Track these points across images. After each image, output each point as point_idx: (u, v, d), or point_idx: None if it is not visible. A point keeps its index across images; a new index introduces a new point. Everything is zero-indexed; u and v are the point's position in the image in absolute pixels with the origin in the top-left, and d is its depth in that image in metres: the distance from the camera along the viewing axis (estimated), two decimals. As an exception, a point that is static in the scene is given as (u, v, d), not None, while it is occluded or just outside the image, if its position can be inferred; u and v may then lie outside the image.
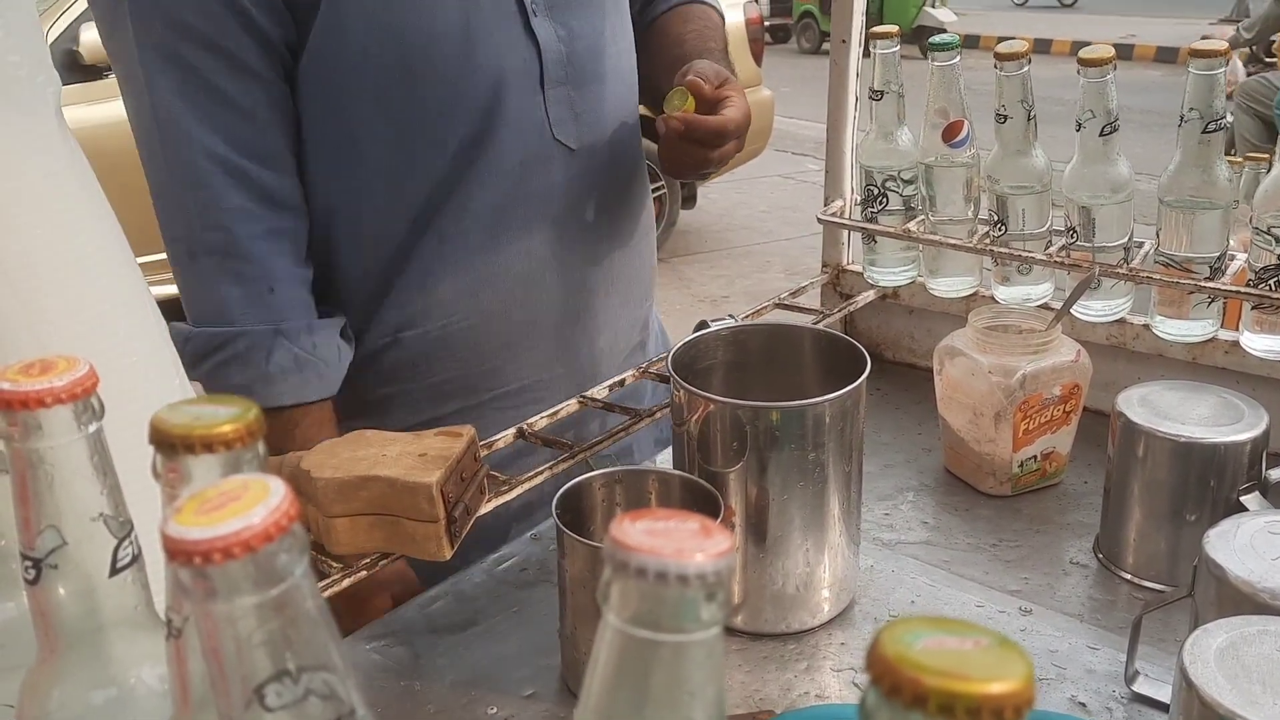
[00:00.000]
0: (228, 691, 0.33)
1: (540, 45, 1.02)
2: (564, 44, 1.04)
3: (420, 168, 1.01)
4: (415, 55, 0.97)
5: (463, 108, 1.00)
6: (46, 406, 0.40)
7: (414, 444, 0.81)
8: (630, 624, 0.29)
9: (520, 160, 1.03)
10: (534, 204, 1.06)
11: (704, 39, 1.19)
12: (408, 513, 0.77)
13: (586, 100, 1.07)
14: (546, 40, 1.03)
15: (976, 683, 0.23)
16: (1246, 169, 1.27)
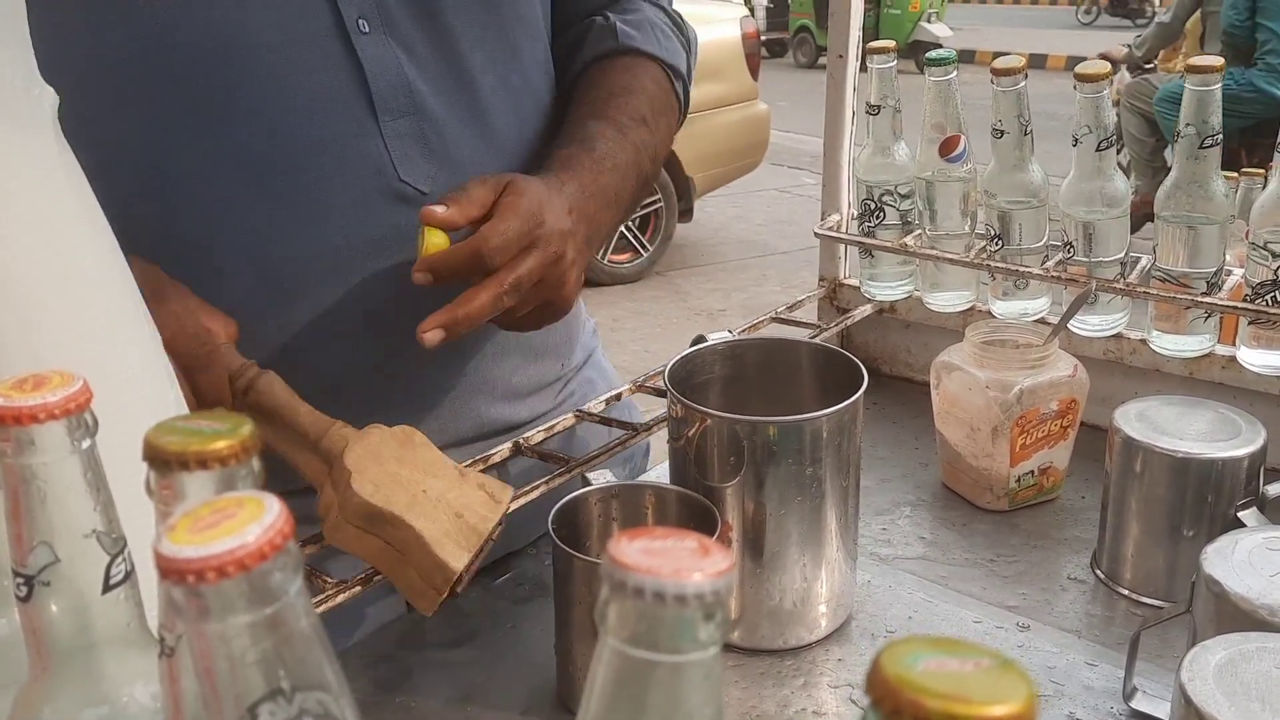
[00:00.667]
0: (221, 711, 0.32)
1: (366, 69, 0.87)
2: (409, 70, 0.89)
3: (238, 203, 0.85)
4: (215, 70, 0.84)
5: (275, 133, 0.85)
6: (39, 422, 0.40)
7: (456, 488, 0.78)
8: (628, 644, 0.29)
9: (353, 201, 0.88)
10: (376, 252, 0.89)
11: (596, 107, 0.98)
12: (419, 568, 0.75)
13: (446, 137, 0.91)
14: (377, 64, 0.87)
15: (978, 705, 0.23)
16: (1242, 185, 1.27)
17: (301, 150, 0.86)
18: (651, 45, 1.04)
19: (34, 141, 0.56)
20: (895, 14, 11.50)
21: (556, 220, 0.86)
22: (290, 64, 0.85)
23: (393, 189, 0.89)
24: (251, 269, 0.87)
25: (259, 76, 0.84)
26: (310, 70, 0.86)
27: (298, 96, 0.86)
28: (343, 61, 0.87)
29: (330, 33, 0.86)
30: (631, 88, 1.00)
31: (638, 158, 0.97)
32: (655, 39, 1.04)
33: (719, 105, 5.28)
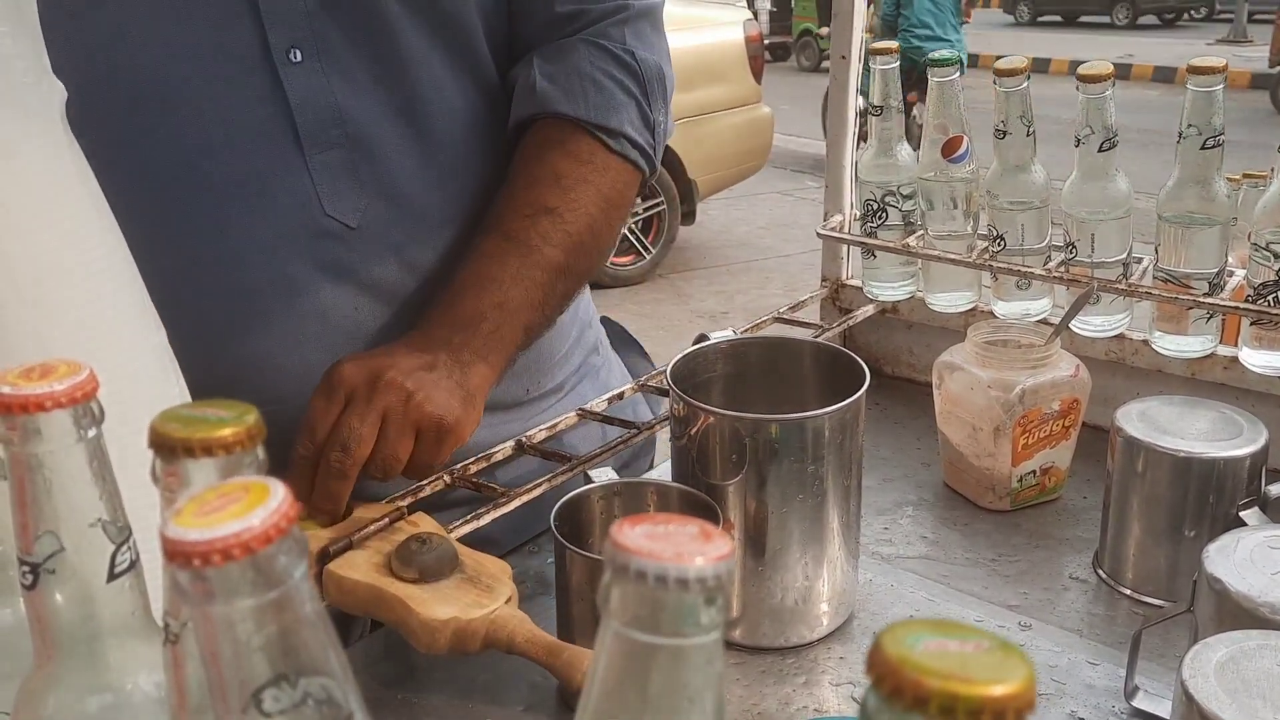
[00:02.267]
0: (225, 696, 0.32)
1: (291, 102, 0.84)
2: (341, 98, 0.86)
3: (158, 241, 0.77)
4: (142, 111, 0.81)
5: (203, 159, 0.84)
6: (46, 411, 0.40)
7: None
8: (630, 628, 0.29)
9: (275, 238, 0.86)
10: (296, 290, 0.87)
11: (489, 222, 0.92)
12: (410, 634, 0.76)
13: (381, 168, 0.88)
14: (305, 94, 0.84)
15: (978, 685, 0.23)
16: (1245, 186, 1.27)
17: (222, 187, 0.84)
18: (572, 105, 0.95)
19: (44, 134, 0.56)
20: (898, 18, 11.47)
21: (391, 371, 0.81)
22: (213, 100, 0.83)
23: (317, 224, 0.87)
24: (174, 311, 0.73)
25: (182, 115, 0.82)
26: (233, 105, 0.83)
27: (219, 132, 0.83)
28: (268, 94, 0.84)
29: (257, 66, 0.84)
30: (536, 177, 0.94)
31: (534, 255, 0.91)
32: (579, 95, 0.95)
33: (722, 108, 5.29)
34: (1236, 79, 10.11)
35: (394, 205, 0.89)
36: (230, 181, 0.84)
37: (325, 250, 0.87)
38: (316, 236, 0.87)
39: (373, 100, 0.88)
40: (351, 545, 0.79)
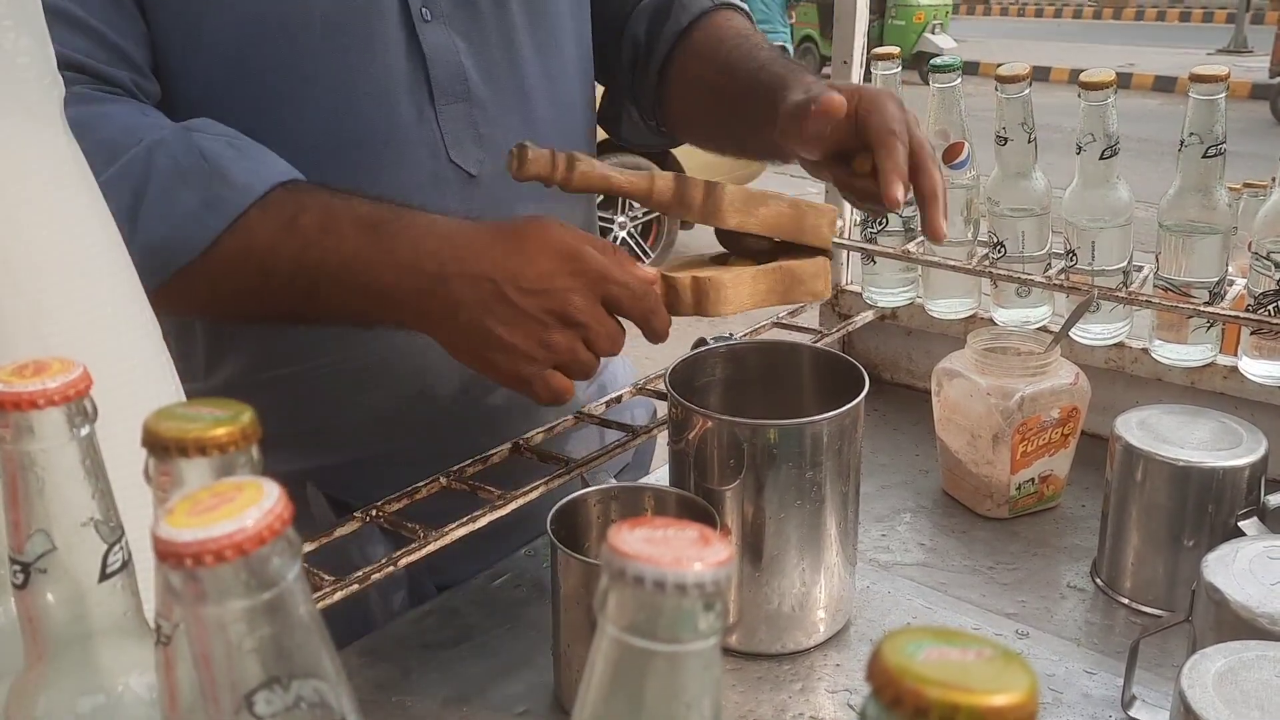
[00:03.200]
0: (217, 698, 0.32)
1: (426, 55, 0.91)
2: (464, 57, 0.93)
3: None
4: (286, 44, 0.87)
5: (340, 111, 0.89)
6: (39, 408, 0.40)
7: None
8: (627, 633, 0.28)
9: (409, 181, 0.91)
10: None
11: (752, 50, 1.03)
12: (804, 235, 0.78)
13: (493, 121, 0.95)
14: (436, 50, 0.92)
15: (979, 694, 0.23)
16: (1246, 195, 1.27)
17: (365, 132, 0.90)
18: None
19: (45, 132, 0.56)
20: (900, 25, 11.53)
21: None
22: (360, 50, 0.89)
23: (443, 172, 0.93)
24: None
25: (331, 63, 0.88)
26: (377, 56, 0.89)
27: (365, 81, 0.89)
28: (406, 48, 0.90)
29: (397, 21, 0.90)
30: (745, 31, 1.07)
31: None
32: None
33: (723, 113, 5.28)
34: (1237, 89, 10.12)
35: (503, 157, 0.93)
36: (373, 128, 0.90)
37: (449, 197, 0.93)
38: (441, 183, 0.93)
39: (486, 61, 0.95)
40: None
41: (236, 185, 0.79)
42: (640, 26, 1.10)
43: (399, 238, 0.78)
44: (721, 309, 0.79)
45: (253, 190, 0.79)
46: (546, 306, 0.76)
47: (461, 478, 0.92)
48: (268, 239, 0.79)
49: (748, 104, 0.98)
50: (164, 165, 0.78)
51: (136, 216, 0.77)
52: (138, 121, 0.81)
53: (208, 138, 0.81)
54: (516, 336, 0.76)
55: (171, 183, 0.78)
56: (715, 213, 0.77)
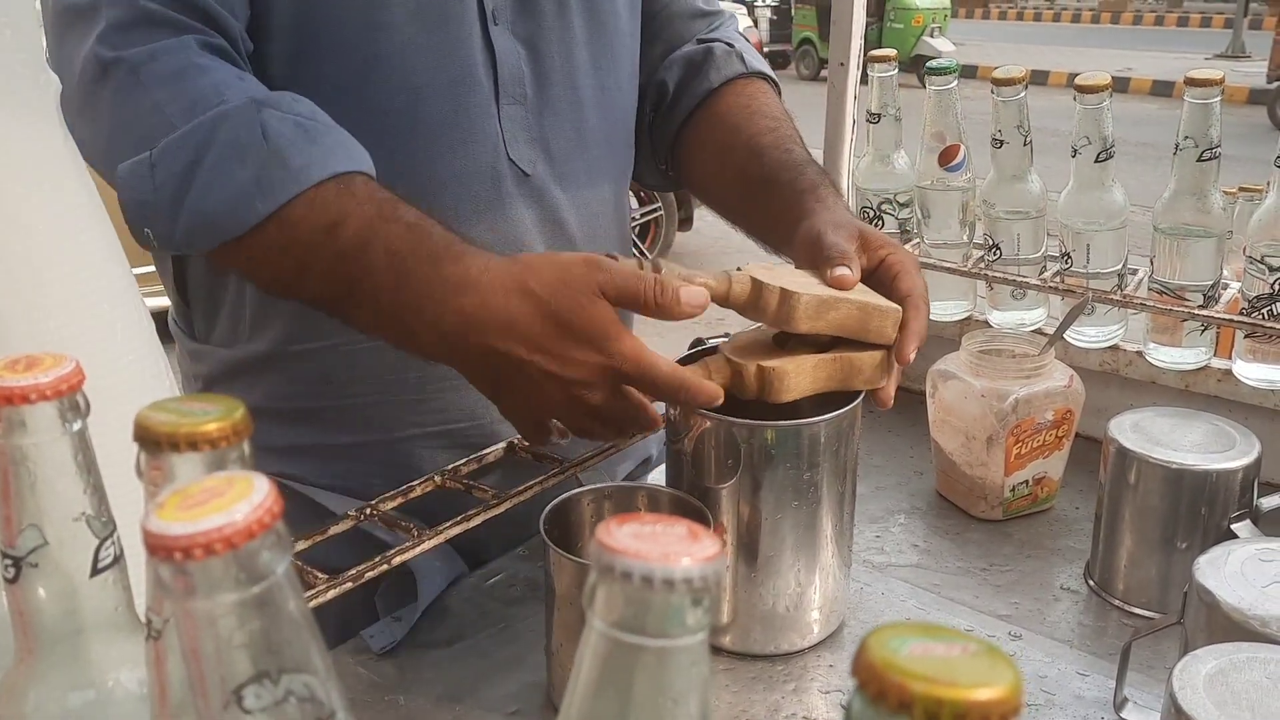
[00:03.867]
0: (206, 693, 0.32)
1: (497, 56, 0.95)
2: (524, 62, 0.97)
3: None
4: (374, 33, 0.89)
5: (417, 101, 0.92)
6: (30, 403, 0.40)
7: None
8: (615, 628, 0.29)
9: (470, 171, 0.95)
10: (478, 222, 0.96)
11: (785, 144, 1.03)
12: (869, 335, 0.82)
13: (547, 126, 0.99)
14: (504, 53, 0.96)
15: (963, 689, 0.23)
16: (1241, 199, 1.27)
17: (435, 122, 0.93)
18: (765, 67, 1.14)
19: (40, 128, 0.56)
20: (898, 28, 11.55)
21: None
22: (438, 43, 0.92)
23: (501, 167, 0.97)
24: None
25: (410, 51, 0.91)
26: (452, 51, 0.93)
27: (440, 73, 0.93)
28: (479, 46, 0.94)
29: (473, 20, 0.94)
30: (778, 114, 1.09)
31: None
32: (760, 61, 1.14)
33: (721, 115, 5.28)
34: (1234, 94, 10.15)
35: (553, 162, 1.00)
36: (442, 119, 0.94)
37: (504, 191, 0.97)
38: (499, 178, 0.97)
39: (545, 69, 0.99)
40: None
41: (290, 170, 0.78)
42: (671, 74, 1.12)
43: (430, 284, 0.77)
44: (783, 397, 0.82)
45: (305, 179, 0.78)
46: (567, 394, 0.77)
47: (456, 476, 0.92)
48: (308, 237, 0.79)
49: (772, 201, 0.99)
50: (224, 138, 0.78)
51: (190, 183, 0.78)
52: (229, 81, 0.81)
53: (276, 115, 0.80)
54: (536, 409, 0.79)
55: (228, 157, 0.78)
56: (789, 320, 0.81)
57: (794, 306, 0.80)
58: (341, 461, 1.01)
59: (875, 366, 0.85)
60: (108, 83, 0.80)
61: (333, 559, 0.80)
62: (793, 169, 1.00)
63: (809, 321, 0.81)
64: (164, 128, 0.78)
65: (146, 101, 0.79)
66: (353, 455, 1.01)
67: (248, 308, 0.99)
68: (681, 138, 1.12)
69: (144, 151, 0.78)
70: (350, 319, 0.83)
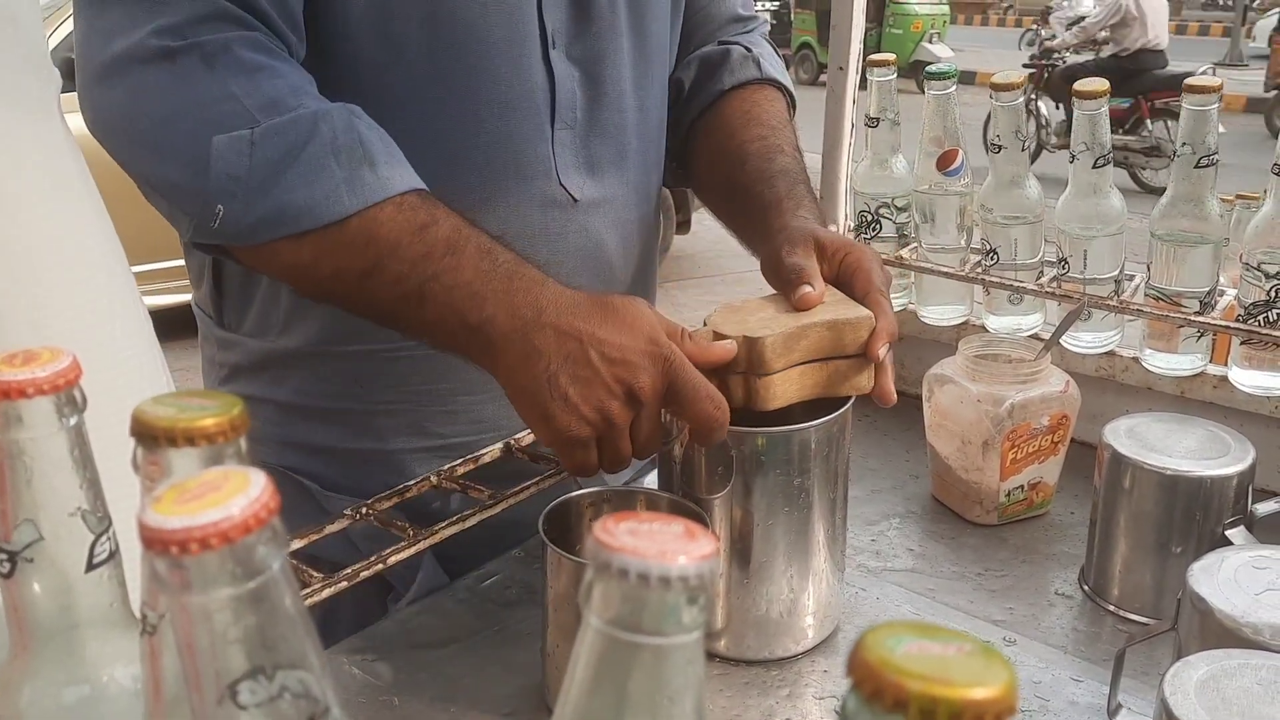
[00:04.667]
0: (200, 688, 0.32)
1: (556, 80, 0.96)
2: (578, 86, 0.98)
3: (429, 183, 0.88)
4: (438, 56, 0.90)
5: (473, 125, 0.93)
6: (27, 397, 0.40)
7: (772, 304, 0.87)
8: (611, 625, 0.29)
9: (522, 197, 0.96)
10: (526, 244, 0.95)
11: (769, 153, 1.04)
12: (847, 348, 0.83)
13: (593, 149, 1.00)
14: (562, 76, 0.96)
15: (959, 688, 0.23)
16: (1238, 207, 1.28)
17: (493, 142, 0.94)
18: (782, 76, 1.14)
19: (42, 126, 0.56)
20: (897, 34, 11.57)
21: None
22: (502, 63, 0.93)
23: (554, 193, 0.97)
24: None
25: (475, 69, 0.92)
26: (515, 73, 0.93)
27: (502, 93, 0.93)
28: (538, 69, 0.95)
29: (535, 43, 0.94)
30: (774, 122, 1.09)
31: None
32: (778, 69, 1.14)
33: (719, 119, 5.28)
34: (1232, 103, 10.17)
35: (600, 185, 1.01)
36: (500, 139, 0.94)
37: (551, 215, 0.98)
38: (549, 202, 0.97)
39: (595, 92, 0.99)
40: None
41: (381, 176, 0.81)
42: (688, 73, 1.12)
43: (512, 280, 0.80)
44: (769, 405, 0.82)
45: (394, 185, 0.81)
46: (619, 376, 0.77)
47: (452, 477, 0.92)
48: (394, 236, 0.80)
49: (747, 211, 1.01)
50: (325, 135, 0.80)
51: (285, 171, 0.79)
52: (305, 87, 0.83)
53: (365, 125, 0.83)
54: (582, 396, 0.78)
55: (326, 153, 0.80)
56: (761, 364, 0.81)
57: (761, 350, 0.80)
58: (362, 467, 1.01)
59: (860, 372, 0.85)
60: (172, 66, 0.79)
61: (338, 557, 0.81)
62: (764, 181, 1.00)
63: (782, 359, 0.81)
64: (241, 117, 0.79)
65: (219, 89, 0.80)
66: (374, 461, 1.01)
67: (282, 302, 0.99)
68: (689, 137, 1.12)
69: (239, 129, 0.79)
70: (406, 320, 0.83)
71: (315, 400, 1.01)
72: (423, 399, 1.00)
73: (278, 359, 1.00)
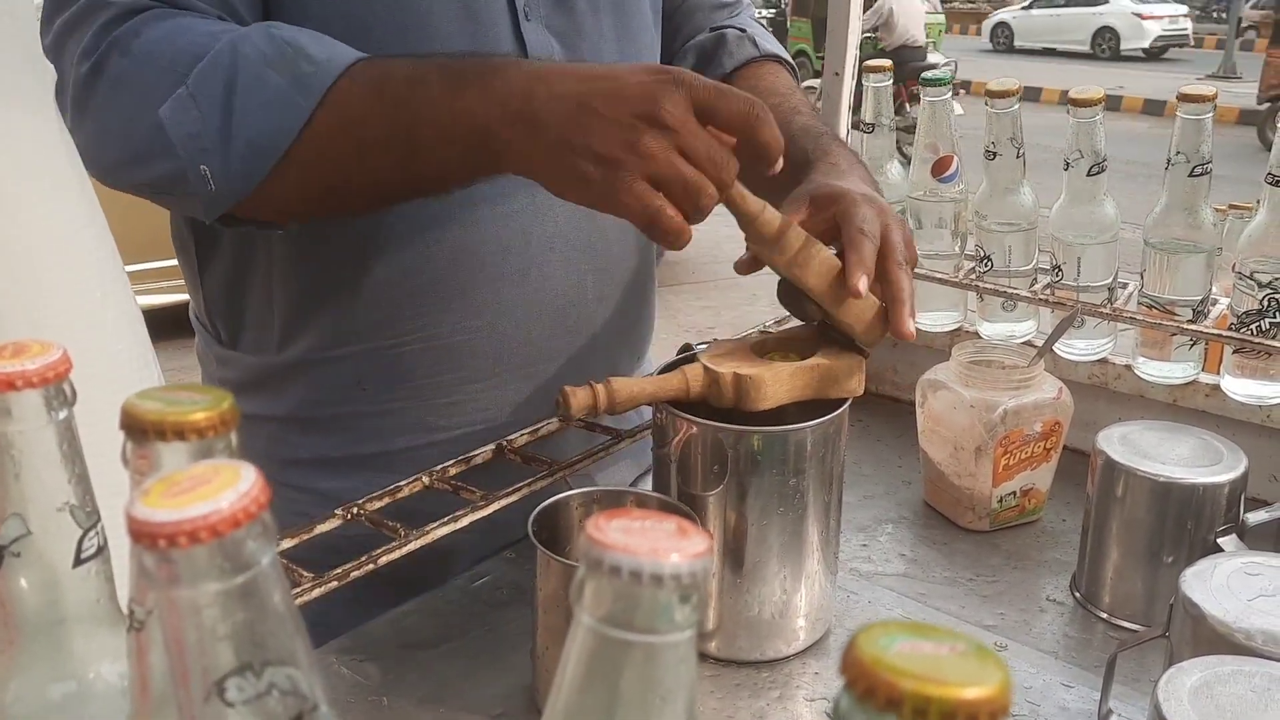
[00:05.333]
0: (188, 684, 0.32)
1: (529, 53, 0.94)
2: (559, 58, 0.96)
3: None
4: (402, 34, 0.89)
5: None
6: (16, 390, 0.40)
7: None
8: (603, 623, 0.28)
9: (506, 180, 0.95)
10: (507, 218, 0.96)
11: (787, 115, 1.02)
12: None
13: None
14: (536, 49, 0.95)
15: (952, 687, 0.23)
16: (1231, 217, 1.28)
17: None
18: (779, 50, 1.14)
19: (37, 118, 0.56)
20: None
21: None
22: (467, 39, 0.91)
23: None
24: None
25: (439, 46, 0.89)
26: (482, 48, 0.91)
27: None
28: (511, 45, 0.93)
29: (502, 15, 0.93)
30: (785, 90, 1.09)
31: None
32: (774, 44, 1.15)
33: (715, 125, 5.29)
34: (1225, 114, 10.20)
35: None
36: None
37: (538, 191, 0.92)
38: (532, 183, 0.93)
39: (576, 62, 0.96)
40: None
41: (320, 62, 0.79)
42: (685, 63, 1.12)
43: (486, 78, 0.77)
44: (760, 404, 0.82)
45: (337, 64, 0.79)
46: (634, 110, 0.73)
47: (444, 477, 0.92)
48: (360, 109, 0.79)
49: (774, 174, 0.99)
50: (250, 53, 0.79)
51: (232, 106, 0.78)
52: (217, 26, 0.82)
53: (287, 27, 0.82)
54: (602, 143, 0.73)
55: (259, 69, 0.78)
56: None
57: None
58: (364, 473, 1.00)
59: (851, 373, 0.85)
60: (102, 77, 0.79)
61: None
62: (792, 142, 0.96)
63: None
64: (172, 80, 0.78)
65: (146, 69, 0.79)
66: (378, 465, 1.00)
67: (276, 318, 0.99)
68: None
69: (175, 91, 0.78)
70: (418, 172, 0.81)
71: (317, 410, 1.01)
72: (425, 392, 1.00)
73: (277, 373, 1.00)
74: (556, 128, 0.74)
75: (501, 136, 0.76)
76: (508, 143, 0.76)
